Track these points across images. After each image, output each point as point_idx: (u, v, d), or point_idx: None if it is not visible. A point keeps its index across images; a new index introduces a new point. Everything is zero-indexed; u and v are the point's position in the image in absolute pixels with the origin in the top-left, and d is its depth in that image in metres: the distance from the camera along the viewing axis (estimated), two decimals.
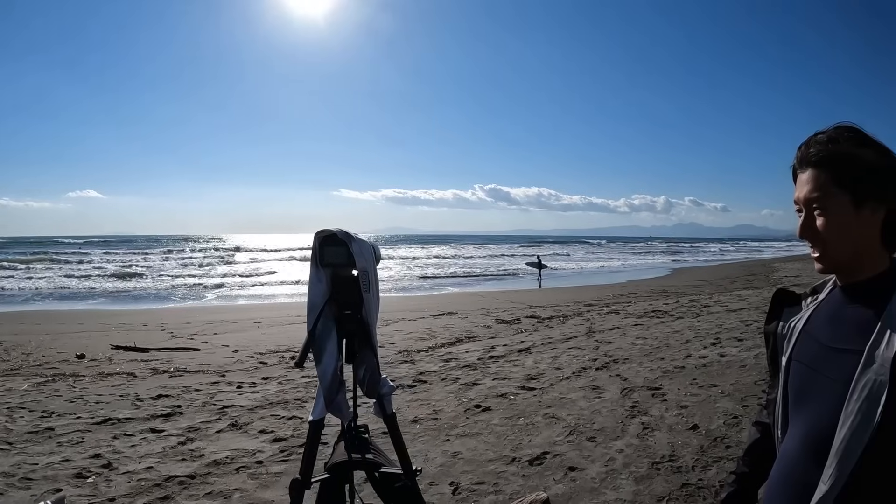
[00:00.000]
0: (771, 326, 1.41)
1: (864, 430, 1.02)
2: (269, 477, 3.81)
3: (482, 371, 6.94)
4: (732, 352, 8.12)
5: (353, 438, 2.18)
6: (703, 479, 3.93)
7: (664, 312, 12.61)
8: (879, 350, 1.03)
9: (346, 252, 2.01)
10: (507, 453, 4.35)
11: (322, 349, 2.04)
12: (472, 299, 16.07)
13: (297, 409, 5.17)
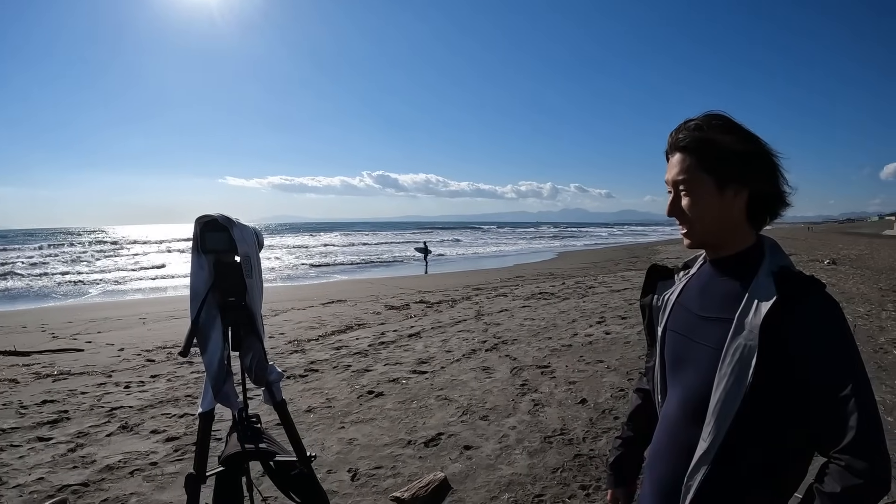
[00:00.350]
0: (646, 299, 1.52)
1: (738, 391, 1.13)
2: (165, 478, 3.66)
3: (373, 357, 6.94)
4: (617, 329, 8.59)
5: (246, 429, 2.14)
6: (593, 449, 4.13)
7: (551, 294, 13.11)
8: (748, 318, 1.14)
9: (227, 237, 1.97)
10: (403, 436, 4.39)
11: (207, 338, 2.00)
12: (360, 286, 16.05)
13: (188, 406, 4.98)
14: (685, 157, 1.23)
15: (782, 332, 1.10)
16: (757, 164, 1.20)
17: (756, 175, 1.20)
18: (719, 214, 1.23)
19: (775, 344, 1.10)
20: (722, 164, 1.19)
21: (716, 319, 1.22)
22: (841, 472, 1.03)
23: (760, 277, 1.17)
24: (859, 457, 1.01)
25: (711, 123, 1.22)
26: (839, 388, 1.04)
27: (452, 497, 3.45)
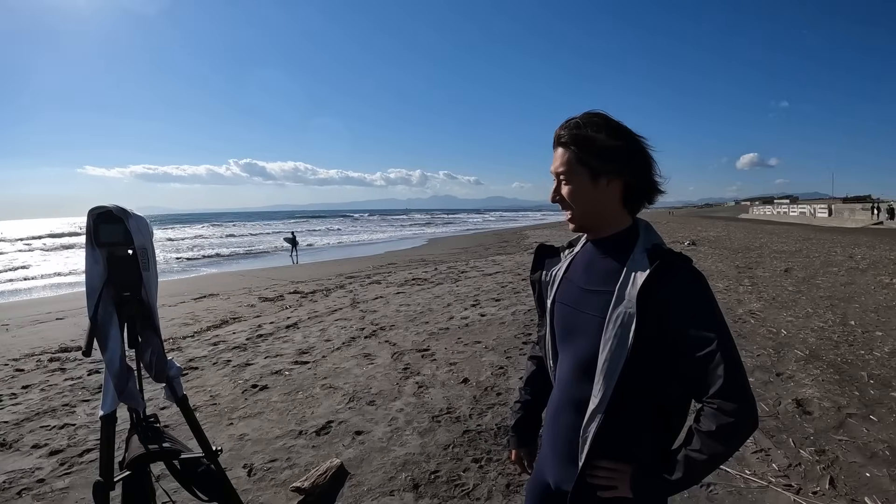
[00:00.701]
0: (535, 275, 1.73)
1: (621, 352, 1.34)
2: (55, 495, 3.45)
3: (253, 351, 6.86)
4: (491, 311, 9.00)
5: (146, 429, 2.11)
6: (480, 424, 4.40)
7: (424, 280, 13.39)
8: (627, 289, 1.36)
9: (122, 229, 1.92)
10: (293, 427, 4.43)
11: (106, 335, 1.94)
12: (232, 279, 15.55)
13: (67, 415, 4.69)
14: (565, 152, 1.43)
15: (656, 300, 1.31)
16: (627, 157, 1.41)
17: (626, 167, 1.41)
18: (594, 201, 1.44)
19: (651, 310, 1.31)
20: (595, 157, 1.39)
21: (599, 292, 1.43)
22: (714, 413, 1.27)
23: (636, 254, 1.39)
24: (729, 399, 1.25)
25: (589, 121, 1.41)
26: (707, 344, 1.26)
27: (351, 482, 3.57)
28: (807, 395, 4.84)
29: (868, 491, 3.32)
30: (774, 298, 9.54)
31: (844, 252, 17.36)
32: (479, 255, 21.01)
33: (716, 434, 1.27)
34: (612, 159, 1.39)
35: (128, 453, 2.07)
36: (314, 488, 3.38)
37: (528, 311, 8.90)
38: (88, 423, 4.48)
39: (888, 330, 7.07)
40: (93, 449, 4.01)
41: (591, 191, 1.42)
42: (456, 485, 3.49)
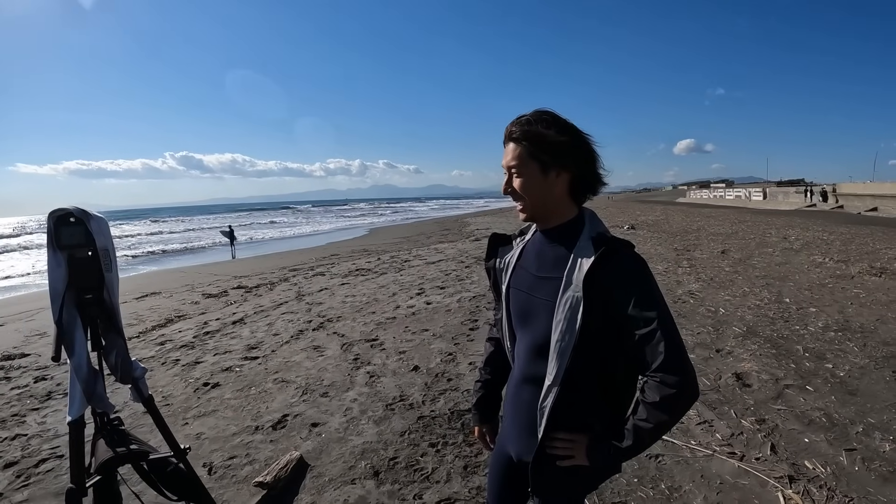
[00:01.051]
0: (490, 263, 1.85)
1: (571, 333, 1.47)
2: None
3: (201, 349, 6.76)
4: (437, 299, 9.10)
5: (112, 432, 2.11)
6: (434, 410, 4.50)
7: (368, 270, 13.39)
8: (574, 274, 1.48)
9: (83, 231, 1.92)
10: (249, 423, 4.43)
11: (72, 339, 1.94)
12: (173, 276, 15.17)
13: (17, 426, 4.52)
14: (517, 147, 1.53)
15: (602, 283, 1.43)
16: (573, 152, 1.52)
17: (573, 161, 1.53)
18: (544, 193, 1.55)
19: (597, 293, 1.44)
20: (544, 152, 1.51)
21: (550, 278, 1.55)
22: (657, 385, 1.40)
23: (582, 241, 1.52)
24: (670, 373, 1.38)
25: (538, 119, 1.52)
26: (649, 323, 1.39)
27: (312, 473, 3.61)
28: (746, 369, 5.11)
29: (807, 455, 3.56)
30: (712, 279, 9.95)
31: (779, 233, 18.12)
32: (422, 244, 21.08)
33: (659, 404, 1.40)
34: (561, 154, 1.51)
35: (95, 458, 2.06)
36: (276, 482, 3.41)
37: (472, 297, 9.06)
38: (40, 432, 4.36)
39: (821, 306, 7.48)
40: (48, 458, 3.92)
41: (541, 183, 1.53)
42: (415, 469, 3.57)
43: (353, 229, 39.61)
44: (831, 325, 6.50)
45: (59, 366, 6.15)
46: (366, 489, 3.38)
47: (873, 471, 3.34)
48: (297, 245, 27.52)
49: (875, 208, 31.51)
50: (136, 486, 2.77)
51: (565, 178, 1.54)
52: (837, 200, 36.30)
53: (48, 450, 4.06)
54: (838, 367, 5.11)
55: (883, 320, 6.62)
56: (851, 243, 14.52)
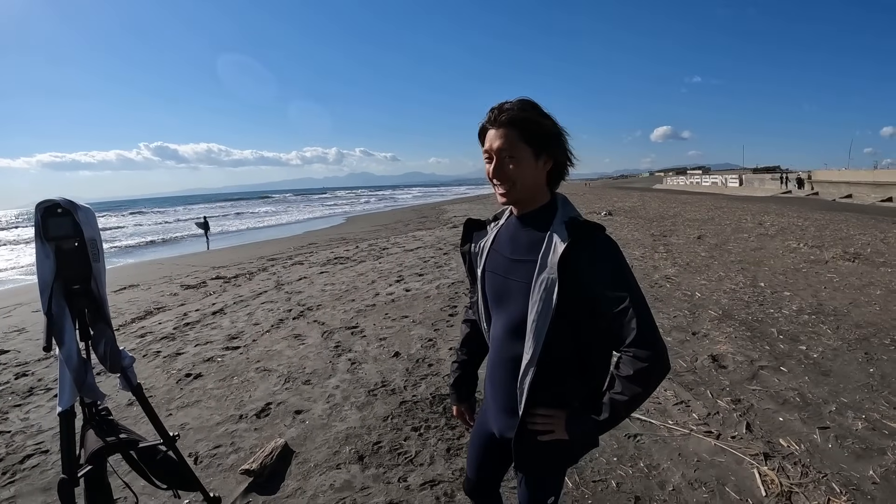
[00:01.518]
0: (465, 247, 1.94)
1: (546, 313, 1.55)
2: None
3: (181, 340, 6.74)
4: (416, 286, 9.16)
5: (101, 422, 2.13)
6: (416, 394, 4.57)
7: (347, 258, 13.39)
8: (549, 257, 1.56)
9: (70, 222, 1.93)
10: (233, 412, 4.46)
11: (62, 330, 1.94)
12: (150, 268, 14.97)
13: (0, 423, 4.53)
14: (510, 131, 1.58)
15: (575, 265, 1.52)
16: (560, 141, 1.63)
17: (559, 150, 1.63)
18: (533, 178, 1.62)
19: (570, 275, 1.52)
20: (540, 139, 1.59)
21: (525, 261, 1.63)
22: (630, 360, 1.49)
23: (555, 225, 1.60)
24: (642, 347, 1.47)
25: (530, 107, 1.60)
26: (621, 302, 1.48)
27: (297, 460, 3.66)
28: (721, 351, 5.25)
29: (782, 433, 3.69)
30: (688, 264, 10.12)
31: (754, 219, 18.39)
32: (400, 232, 21.08)
33: (633, 377, 1.49)
34: (552, 142, 1.61)
35: (85, 448, 2.07)
36: (262, 469, 3.45)
37: (451, 284, 9.13)
38: (24, 428, 4.34)
39: (796, 290, 7.65)
40: (33, 454, 3.90)
41: (532, 168, 1.60)
42: (399, 453, 3.65)
43: (330, 217, 39.42)
44: (805, 309, 6.66)
45: (39, 361, 6.14)
46: (351, 473, 3.44)
47: (846, 448, 3.47)
48: (275, 234, 27.35)
49: (850, 195, 32.00)
50: (126, 475, 2.81)
51: (550, 165, 1.63)
52: (813, 187, 36.81)
53: (32, 445, 4.04)
54: (812, 348, 5.26)
55: (856, 304, 6.80)
56: (826, 229, 14.80)
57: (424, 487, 3.24)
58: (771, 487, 3.08)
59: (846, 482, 3.11)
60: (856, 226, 15.60)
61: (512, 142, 1.57)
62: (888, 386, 4.35)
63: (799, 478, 3.17)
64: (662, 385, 4.49)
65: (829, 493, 3.01)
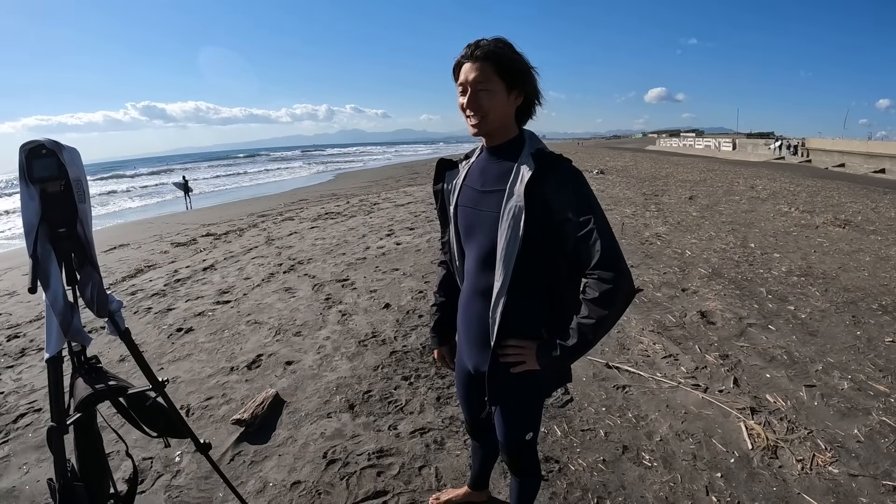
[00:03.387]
0: (438, 186, 1.97)
1: (515, 240, 1.58)
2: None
3: (172, 296, 6.73)
4: (406, 240, 9.18)
5: (90, 370, 2.07)
6: (406, 345, 4.61)
7: (337, 213, 13.39)
8: (516, 186, 1.60)
9: (56, 163, 1.87)
10: (224, 365, 4.48)
11: (47, 273, 1.89)
12: (140, 228, 14.84)
13: None
14: (485, 65, 1.60)
15: (541, 193, 1.55)
16: (531, 77, 1.66)
17: (530, 86, 1.66)
18: (503, 110, 1.65)
19: (537, 202, 1.55)
20: (513, 74, 1.61)
21: (494, 192, 1.67)
22: (595, 282, 1.52)
23: (523, 156, 1.64)
24: (606, 269, 1.50)
25: (505, 44, 1.63)
26: (585, 225, 1.51)
27: (289, 409, 3.69)
28: (710, 308, 5.30)
29: (768, 389, 3.74)
30: (679, 223, 10.17)
31: (746, 183, 18.42)
32: (391, 188, 21.01)
33: (599, 300, 1.52)
34: (525, 77, 1.64)
35: (74, 397, 2.04)
36: (254, 419, 3.48)
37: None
38: (17, 388, 4.32)
39: (785, 252, 7.70)
40: (27, 413, 3.90)
41: (504, 101, 1.63)
42: (389, 402, 3.68)
43: (321, 174, 39.18)
44: (794, 271, 6.71)
45: (30, 323, 6.11)
46: (341, 422, 3.47)
47: (831, 406, 3.52)
48: (265, 191, 27.22)
49: (842, 164, 32.00)
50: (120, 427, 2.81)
51: (520, 100, 1.67)
52: (806, 154, 36.77)
53: (25, 405, 4.03)
54: (800, 309, 5.31)
55: (845, 268, 6.85)
56: (817, 195, 14.84)
57: (414, 435, 3.27)
58: (757, 441, 3.13)
59: (831, 439, 3.16)
60: (847, 194, 15.65)
61: (487, 74, 1.60)
62: (874, 349, 4.40)
63: (785, 433, 3.21)
64: (651, 339, 4.56)
65: (814, 449, 3.05)
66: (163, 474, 3.06)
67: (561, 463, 2.97)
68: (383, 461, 3.04)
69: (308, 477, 2.95)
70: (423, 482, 2.86)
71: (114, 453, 3.13)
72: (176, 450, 3.25)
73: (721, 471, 2.89)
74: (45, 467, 3.22)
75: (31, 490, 3.03)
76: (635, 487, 2.78)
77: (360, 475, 2.93)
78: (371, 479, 2.89)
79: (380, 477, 2.91)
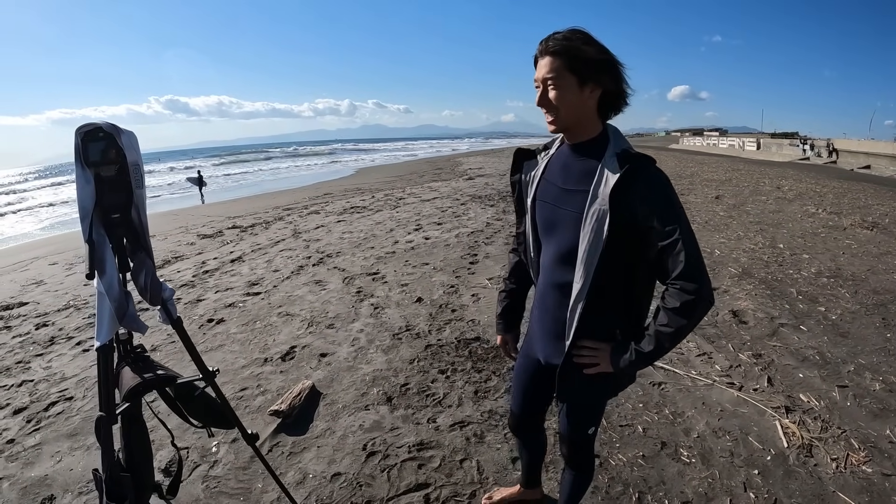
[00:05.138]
0: (515, 177, 1.96)
1: (598, 243, 1.58)
2: (28, 453, 3.38)
3: (201, 287, 6.82)
4: (435, 234, 9.23)
5: (137, 359, 2.06)
6: (440, 339, 4.66)
7: (363, 208, 13.43)
8: (601, 188, 1.58)
9: (113, 146, 1.83)
10: (258, 356, 4.54)
11: (102, 259, 1.86)
12: (166, 219, 14.94)
13: (22, 372, 4.57)
14: (554, 60, 1.58)
15: (627, 198, 1.53)
16: (608, 69, 1.60)
17: (607, 78, 1.61)
18: (578, 106, 1.63)
19: (622, 206, 1.54)
20: (584, 66, 1.58)
21: (576, 191, 1.66)
22: (677, 292, 1.52)
23: (607, 157, 1.61)
24: (689, 281, 1.50)
25: (576, 36, 1.59)
26: (671, 235, 1.50)
27: (325, 401, 3.75)
28: (742, 307, 5.28)
29: (802, 389, 3.74)
30: (707, 222, 10.10)
31: (772, 183, 18.19)
32: (415, 183, 21.02)
33: (679, 309, 1.52)
34: (599, 69, 1.59)
35: (121, 386, 2.01)
36: (291, 410, 3.53)
37: (471, 233, 9.18)
38: (47, 377, 4.42)
39: (814, 253, 7.62)
40: (57, 402, 3.97)
41: (577, 95, 1.60)
42: (427, 395, 3.73)
43: (344, 169, 39.24)
44: (824, 272, 6.65)
45: (58, 311, 6.22)
46: (380, 414, 3.52)
47: (864, 407, 3.51)
48: (289, 185, 27.30)
49: (868, 166, 31.47)
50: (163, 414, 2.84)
51: (598, 93, 1.62)
52: (831, 155, 36.24)
53: (56, 393, 4.11)
54: (830, 310, 5.27)
55: (874, 271, 6.77)
56: (844, 197, 14.63)
57: (454, 428, 3.32)
58: (792, 439, 3.14)
59: (864, 439, 3.15)
60: (874, 196, 15.41)
61: (556, 70, 1.58)
62: None
63: (819, 432, 3.22)
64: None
65: (847, 449, 3.06)
66: (200, 464, 3.12)
67: (601, 458, 3.00)
68: (424, 454, 3.09)
69: (348, 469, 3.00)
70: (465, 475, 2.90)
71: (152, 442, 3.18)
72: (213, 440, 3.30)
73: (758, 468, 2.90)
74: (77, 456, 3.28)
75: (63, 479, 3.08)
76: (675, 483, 2.81)
77: (401, 467, 2.98)
78: (412, 472, 2.94)
79: (421, 469, 2.95)
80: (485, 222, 10.25)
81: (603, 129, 1.69)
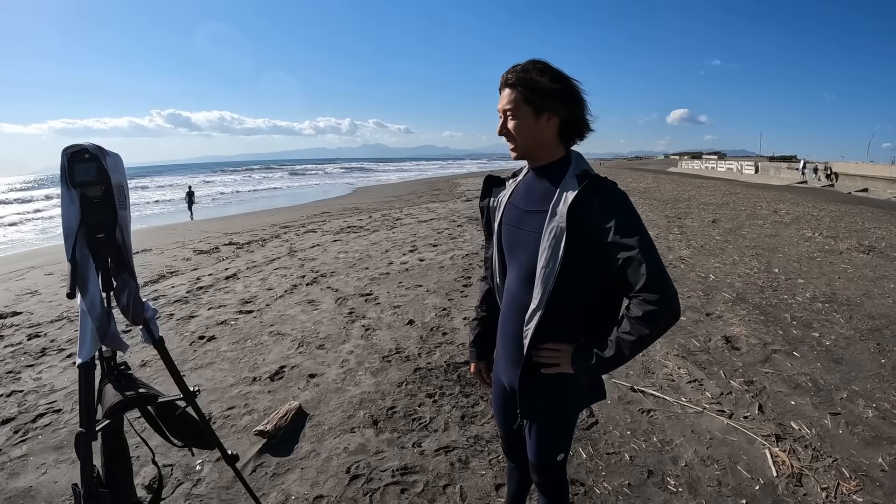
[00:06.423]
0: (484, 202, 1.98)
1: (555, 260, 1.59)
2: (15, 464, 3.35)
3: (195, 303, 6.80)
4: (430, 256, 9.21)
5: (119, 377, 2.07)
6: (430, 362, 4.61)
7: (360, 227, 13.45)
8: (559, 207, 1.60)
9: (97, 167, 1.86)
10: (247, 374, 4.51)
11: (85, 278, 1.88)
12: (162, 234, 14.97)
13: (12, 383, 4.54)
14: (512, 92, 1.65)
15: (584, 214, 1.55)
16: (564, 98, 1.64)
17: (562, 106, 1.64)
18: (535, 134, 1.67)
19: (579, 223, 1.55)
20: (539, 97, 1.62)
21: (537, 212, 1.68)
22: (640, 303, 1.51)
23: (567, 178, 1.65)
24: (652, 292, 1.48)
25: (532, 67, 1.63)
26: (631, 248, 1.49)
27: (312, 422, 3.71)
28: (735, 333, 5.25)
29: (793, 417, 3.69)
30: (703, 246, 10.09)
31: (769, 206, 18.25)
32: (413, 203, 21.09)
33: (642, 318, 1.51)
34: (552, 99, 1.63)
35: (102, 403, 2.01)
36: (277, 430, 3.49)
37: (465, 255, 9.17)
38: (36, 388, 4.39)
39: (810, 278, 7.61)
40: (45, 413, 3.95)
41: (533, 125, 1.66)
42: (413, 419, 3.68)
43: (344, 187, 39.38)
44: (819, 297, 6.63)
45: (51, 322, 6.21)
46: (365, 437, 3.48)
47: (856, 434, 3.47)
48: (287, 202, 27.39)
49: (865, 189, 31.59)
50: (142, 432, 2.81)
51: (555, 121, 1.66)
52: (829, 178, 36.39)
53: (45, 405, 4.08)
54: (824, 336, 5.24)
55: (869, 295, 6.75)
56: (841, 220, 14.66)
57: (439, 453, 3.27)
58: (782, 468, 3.09)
59: (856, 468, 3.11)
60: (871, 219, 15.44)
61: (513, 101, 1.64)
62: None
63: (809, 460, 3.17)
64: (676, 363, 4.52)
65: (838, 478, 3.01)
66: (183, 482, 3.08)
67: (586, 486, 2.95)
68: (407, 478, 3.04)
69: (331, 491, 2.95)
70: (448, 501, 2.85)
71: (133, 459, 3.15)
72: (198, 458, 3.26)
73: (746, 497, 2.85)
74: (62, 468, 3.25)
75: (48, 491, 3.05)
76: None
77: (384, 492, 2.93)
78: (395, 497, 2.89)
79: (403, 494, 2.91)
80: (480, 244, 10.22)
81: (566, 153, 1.73)
